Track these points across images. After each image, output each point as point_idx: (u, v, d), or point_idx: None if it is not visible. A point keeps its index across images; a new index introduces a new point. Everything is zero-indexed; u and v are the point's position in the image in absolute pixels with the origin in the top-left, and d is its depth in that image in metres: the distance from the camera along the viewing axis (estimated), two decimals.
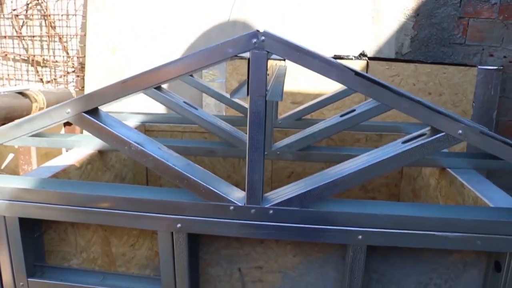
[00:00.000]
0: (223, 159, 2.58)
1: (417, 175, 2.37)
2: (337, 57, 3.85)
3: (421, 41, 3.81)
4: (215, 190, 1.34)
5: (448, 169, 1.95)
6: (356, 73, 1.23)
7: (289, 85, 3.80)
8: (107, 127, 1.36)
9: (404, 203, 1.43)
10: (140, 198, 1.39)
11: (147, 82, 1.31)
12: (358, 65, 3.80)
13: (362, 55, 3.85)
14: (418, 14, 3.74)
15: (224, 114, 3.76)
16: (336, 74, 1.24)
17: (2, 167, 3.73)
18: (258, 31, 1.23)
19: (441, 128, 1.27)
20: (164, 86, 3.43)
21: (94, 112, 1.39)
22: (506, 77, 3.82)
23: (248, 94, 1.24)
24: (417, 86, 3.78)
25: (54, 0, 3.81)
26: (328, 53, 3.84)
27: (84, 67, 3.86)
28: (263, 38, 1.22)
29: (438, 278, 1.46)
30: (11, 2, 3.84)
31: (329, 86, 3.48)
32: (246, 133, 1.26)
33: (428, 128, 1.34)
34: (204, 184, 1.34)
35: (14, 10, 3.84)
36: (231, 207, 1.35)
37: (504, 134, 3.90)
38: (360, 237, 1.34)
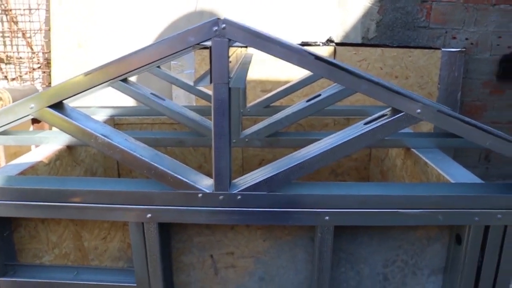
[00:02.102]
0: (194, 149, 2.59)
1: (384, 156, 2.43)
2: (304, 43, 3.88)
3: (386, 26, 3.87)
4: (183, 178, 1.36)
5: (413, 149, 2.01)
6: (316, 57, 1.26)
7: (259, 74, 3.82)
8: (72, 121, 1.35)
9: (369, 183, 1.48)
10: (109, 190, 1.39)
11: (111, 73, 1.31)
12: (325, 51, 3.84)
13: (329, 41, 3.89)
14: None
15: (194, 104, 3.76)
16: (297, 59, 1.26)
17: None
18: (218, 18, 1.24)
19: (400, 108, 1.32)
20: (133, 79, 3.40)
21: (58, 106, 1.38)
22: (469, 58, 3.93)
23: (211, 82, 1.26)
24: (384, 70, 3.85)
25: None
26: (296, 40, 3.87)
27: (50, 63, 3.79)
28: (223, 25, 1.23)
29: (404, 254, 1.52)
30: None
31: (298, 73, 3.52)
32: None
33: (389, 109, 1.38)
34: (172, 173, 1.35)
35: None
36: (200, 195, 1.36)
37: (469, 114, 4.02)
38: (327, 218, 1.38)
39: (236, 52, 1.63)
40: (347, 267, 1.54)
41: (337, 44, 3.87)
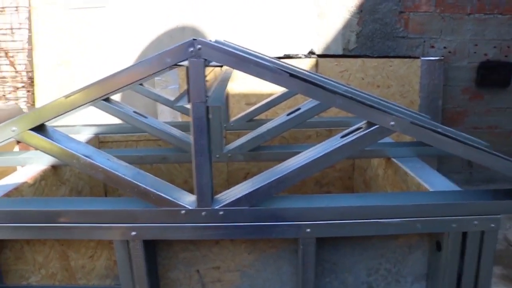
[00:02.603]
0: (179, 165, 2.61)
1: (367, 166, 2.48)
2: (287, 56, 3.95)
3: (366, 37, 3.96)
4: (165, 196, 1.38)
5: (393, 159, 2.05)
6: (290, 75, 1.29)
7: (243, 87, 3.86)
8: (54, 142, 1.37)
9: (348, 195, 1.51)
10: (93, 209, 1.41)
11: (91, 95, 1.34)
12: (308, 63, 3.90)
13: (311, 53, 3.96)
14: (361, 10, 3.89)
15: (179, 119, 3.78)
16: (271, 77, 1.30)
17: None
18: (194, 39, 1.27)
19: (375, 121, 1.36)
20: (117, 96, 3.41)
21: (40, 128, 1.40)
22: (448, 66, 4.02)
23: (189, 101, 1.29)
24: (366, 80, 3.93)
25: None
26: (279, 53, 3.94)
27: (33, 82, 3.80)
28: (199, 46, 1.27)
29: (387, 263, 1.55)
30: None
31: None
32: None
33: (365, 121, 1.42)
34: (154, 191, 1.37)
35: None
36: (183, 211, 1.39)
37: (450, 120, 4.11)
38: (308, 230, 1.41)
39: (214, 70, 1.66)
40: (332, 277, 1.56)
41: (319, 56, 3.94)
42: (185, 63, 1.28)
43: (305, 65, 3.90)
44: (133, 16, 3.81)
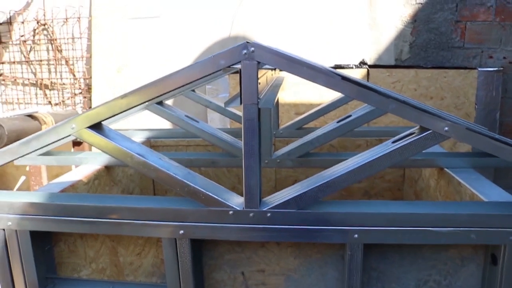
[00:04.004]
0: (227, 170, 2.64)
1: (418, 177, 2.41)
2: (337, 66, 3.92)
3: (420, 47, 3.86)
4: (214, 196, 1.40)
5: (446, 169, 1.99)
6: (343, 78, 1.29)
7: (292, 97, 3.87)
8: (109, 140, 1.43)
9: (398, 202, 1.47)
10: (144, 207, 1.45)
11: (146, 96, 1.39)
12: (358, 73, 3.86)
13: (362, 63, 3.91)
14: (415, 20, 3.81)
15: (228, 127, 3.83)
16: (323, 79, 1.30)
17: (15, 189, 3.83)
18: (247, 42, 1.29)
19: (428, 126, 1.32)
20: (169, 102, 3.51)
21: (97, 126, 1.47)
22: (507, 77, 3.85)
23: (241, 103, 1.31)
24: (419, 91, 3.83)
25: (60, 24, 3.95)
26: (329, 63, 3.92)
27: (90, 88, 3.98)
28: (252, 49, 1.29)
29: (437, 274, 1.49)
30: (19, 28, 3.99)
31: (331, 95, 3.56)
32: None
33: (417, 127, 1.39)
34: (204, 191, 1.40)
35: (22, 36, 3.99)
36: (231, 212, 1.40)
37: (509, 134, 3.92)
38: (356, 235, 1.38)
39: (266, 75, 1.68)
40: (378, 286, 1.52)
41: (370, 66, 3.88)
42: (238, 65, 1.30)
43: (355, 75, 3.86)
44: (186, 25, 3.92)
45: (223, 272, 1.57)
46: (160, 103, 2.17)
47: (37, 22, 3.92)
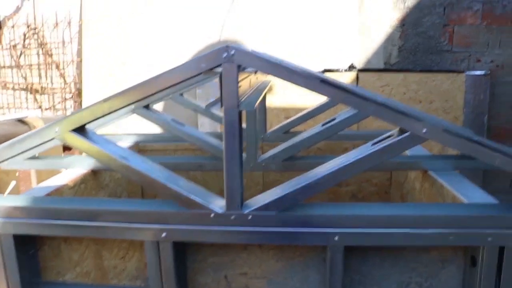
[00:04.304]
0: (216, 173, 2.64)
1: (404, 180, 2.43)
2: (327, 70, 3.94)
3: (409, 50, 3.89)
4: (196, 198, 1.41)
5: (430, 172, 2.00)
6: (321, 80, 1.30)
7: (282, 101, 3.89)
8: (92, 144, 1.44)
9: (379, 203, 1.49)
10: (126, 209, 1.45)
11: (128, 99, 1.40)
12: (348, 77, 3.88)
13: (352, 67, 3.94)
14: (404, 24, 3.84)
15: (219, 131, 3.84)
16: (302, 81, 1.31)
17: (5, 194, 3.81)
18: (228, 45, 1.31)
19: (406, 128, 1.34)
20: (159, 107, 3.52)
21: (81, 130, 1.47)
22: (495, 81, 3.88)
23: (222, 106, 1.32)
24: (408, 95, 3.85)
25: (50, 29, 3.96)
26: (318, 67, 3.94)
27: (81, 93, 3.98)
28: (233, 52, 1.30)
29: (418, 277, 1.50)
30: (9, 33, 3.99)
31: (321, 99, 3.58)
32: None
33: (397, 129, 1.41)
34: (185, 193, 1.41)
35: (12, 40, 3.99)
36: (212, 214, 1.41)
37: (497, 137, 3.95)
38: (336, 238, 1.39)
39: (250, 78, 1.69)
40: None
41: (359, 70, 3.91)
42: (219, 68, 1.31)
43: (345, 79, 3.88)
44: (176, 31, 3.93)
45: (207, 275, 1.57)
46: (147, 106, 2.18)
47: (27, 27, 3.93)
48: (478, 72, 3.81)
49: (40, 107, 4.10)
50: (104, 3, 3.91)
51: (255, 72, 2.10)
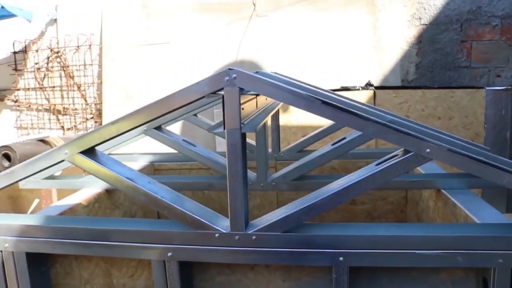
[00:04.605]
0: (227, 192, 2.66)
1: (419, 198, 2.39)
2: (344, 88, 3.94)
3: (426, 67, 3.87)
4: (200, 219, 1.42)
5: (443, 190, 1.97)
6: (323, 102, 1.31)
7: (300, 119, 3.90)
8: (100, 165, 1.47)
9: (385, 224, 1.48)
10: (133, 229, 1.48)
11: (135, 121, 1.43)
12: (365, 95, 3.87)
13: (369, 84, 3.93)
14: (420, 41, 3.82)
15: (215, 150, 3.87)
16: (303, 104, 1.33)
17: (28, 212, 3.92)
18: (230, 69, 1.33)
19: (409, 148, 1.33)
20: (177, 129, 3.56)
21: (90, 151, 1.51)
22: None
23: (224, 128, 1.34)
24: (426, 112, 3.81)
25: (72, 52, 4.09)
26: (335, 85, 3.95)
27: (101, 113, 4.08)
28: (234, 75, 1.32)
29: None
30: (34, 56, 4.14)
31: None
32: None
33: (402, 149, 1.40)
34: (190, 214, 1.43)
35: (36, 63, 4.14)
36: (217, 234, 1.42)
37: None
38: (341, 258, 1.38)
39: (257, 99, 1.71)
40: None
41: (376, 87, 3.90)
42: (222, 92, 1.34)
43: (362, 97, 3.87)
44: (194, 50, 4.01)
45: None
46: (159, 128, 2.23)
47: (51, 50, 4.08)
48: (498, 88, 3.75)
49: (62, 127, 4.22)
50: (122, 27, 4.02)
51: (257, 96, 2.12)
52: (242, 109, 1.36)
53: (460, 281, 1.45)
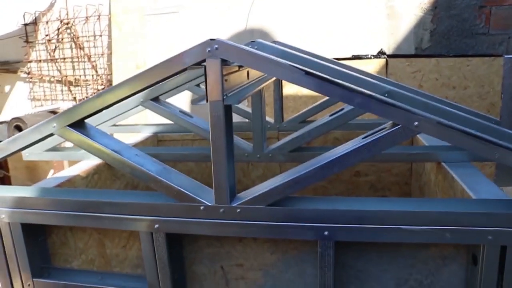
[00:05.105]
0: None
1: (422, 171, 2.34)
2: (355, 56, 3.85)
3: (442, 34, 3.72)
4: (185, 191, 1.42)
5: (443, 163, 1.92)
6: (306, 73, 1.27)
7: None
8: (86, 138, 1.48)
9: (372, 198, 1.44)
10: (121, 201, 1.49)
11: (118, 95, 1.42)
12: (377, 64, 3.77)
13: (381, 53, 3.82)
14: (436, 7, 3.67)
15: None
16: (287, 75, 1.29)
17: None
18: (211, 39, 1.30)
19: (397, 121, 1.28)
20: (174, 100, 3.56)
21: (77, 124, 1.52)
22: None
23: (207, 101, 1.32)
24: (440, 81, 3.70)
25: (82, 23, 4.09)
26: (347, 53, 3.85)
27: (112, 84, 4.10)
28: (216, 46, 1.29)
29: (418, 274, 1.45)
30: (44, 28, 4.15)
31: None
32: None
33: (390, 122, 1.35)
34: (175, 186, 1.43)
35: (46, 35, 4.15)
36: (202, 207, 1.42)
37: None
38: (326, 233, 1.37)
39: (248, 70, 1.67)
40: (357, 284, 1.50)
41: (389, 56, 3.78)
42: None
43: (374, 65, 3.77)
44: (203, 20, 3.95)
45: (203, 266, 1.60)
46: (156, 99, 2.22)
47: (61, 22, 4.08)
48: None
49: (74, 98, 4.27)
50: None
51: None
52: (226, 80, 1.33)
53: (451, 257, 1.42)
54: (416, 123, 1.27)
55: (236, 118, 3.98)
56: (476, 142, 1.26)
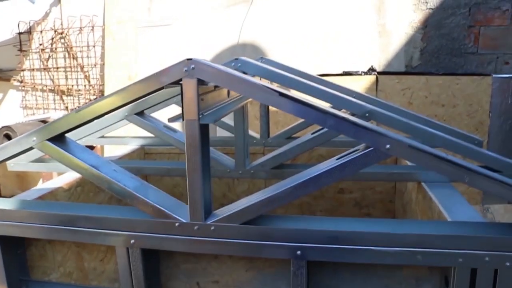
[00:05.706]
0: (219, 179, 2.67)
1: (404, 190, 2.35)
2: (346, 73, 3.88)
3: (431, 53, 3.76)
4: (161, 208, 1.43)
5: (423, 183, 1.94)
6: (280, 94, 1.29)
7: None
8: (65, 152, 1.49)
9: (345, 219, 1.45)
10: (98, 216, 1.50)
11: (95, 111, 1.44)
12: (367, 80, 3.80)
13: (371, 70, 3.85)
14: (426, 26, 3.71)
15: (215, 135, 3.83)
16: (261, 96, 1.31)
17: None
18: (188, 59, 1.32)
19: (369, 144, 1.30)
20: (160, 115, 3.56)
21: (57, 139, 1.53)
22: None
23: (183, 119, 1.34)
24: (430, 99, 3.73)
25: (76, 33, 4.12)
26: (338, 70, 3.89)
27: (104, 94, 4.12)
28: (192, 66, 1.31)
29: None
30: (38, 37, 4.18)
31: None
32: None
33: (363, 144, 1.37)
34: (151, 202, 1.44)
35: (40, 44, 4.18)
36: (177, 224, 1.43)
37: None
38: (299, 252, 1.38)
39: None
40: None
41: (379, 73, 3.82)
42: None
43: (364, 82, 3.80)
44: (196, 33, 3.99)
45: (179, 282, 1.60)
46: (141, 113, 2.23)
47: (55, 31, 4.12)
48: (506, 75, 3.63)
49: (66, 108, 4.28)
50: (124, 9, 4.01)
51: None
52: (202, 99, 1.35)
53: (424, 279, 1.43)
54: (388, 146, 1.29)
55: (222, 133, 3.99)
56: (446, 165, 1.28)
